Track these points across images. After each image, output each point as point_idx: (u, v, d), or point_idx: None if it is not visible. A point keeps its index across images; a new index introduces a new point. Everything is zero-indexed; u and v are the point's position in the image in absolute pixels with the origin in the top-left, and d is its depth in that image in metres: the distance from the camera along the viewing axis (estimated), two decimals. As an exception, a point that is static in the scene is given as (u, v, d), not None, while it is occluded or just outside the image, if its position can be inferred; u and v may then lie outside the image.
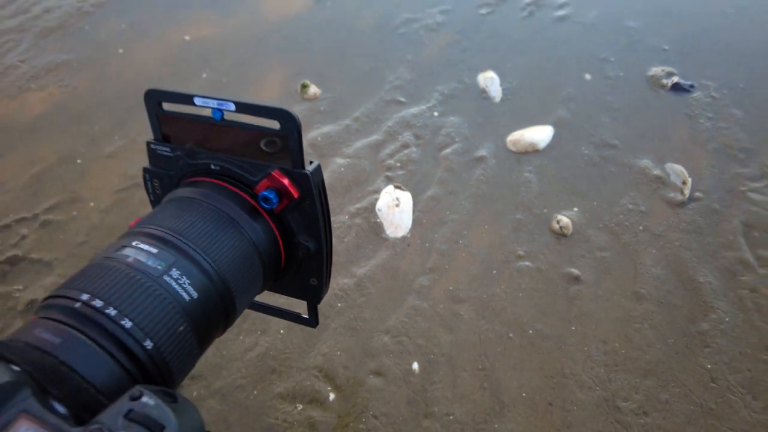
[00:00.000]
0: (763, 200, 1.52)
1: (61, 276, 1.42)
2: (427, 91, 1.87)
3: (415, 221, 1.47)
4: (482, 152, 1.65)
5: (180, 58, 2.07)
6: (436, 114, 1.78)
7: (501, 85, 1.85)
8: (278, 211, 0.45)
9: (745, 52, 1.98)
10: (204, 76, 1.98)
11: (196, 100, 0.45)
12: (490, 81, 1.85)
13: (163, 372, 0.35)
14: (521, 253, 1.41)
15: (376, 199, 1.50)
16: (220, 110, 0.46)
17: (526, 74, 1.91)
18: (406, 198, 1.47)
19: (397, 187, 1.51)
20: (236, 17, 2.27)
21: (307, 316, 0.53)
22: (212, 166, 0.47)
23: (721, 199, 1.52)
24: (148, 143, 0.50)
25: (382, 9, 2.24)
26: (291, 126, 0.43)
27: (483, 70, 1.92)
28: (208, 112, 0.46)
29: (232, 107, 0.45)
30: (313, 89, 1.86)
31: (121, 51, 2.14)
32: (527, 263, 1.39)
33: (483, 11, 2.20)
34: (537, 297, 1.32)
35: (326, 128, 1.75)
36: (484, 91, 1.85)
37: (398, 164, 1.62)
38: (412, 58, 2.00)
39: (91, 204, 1.59)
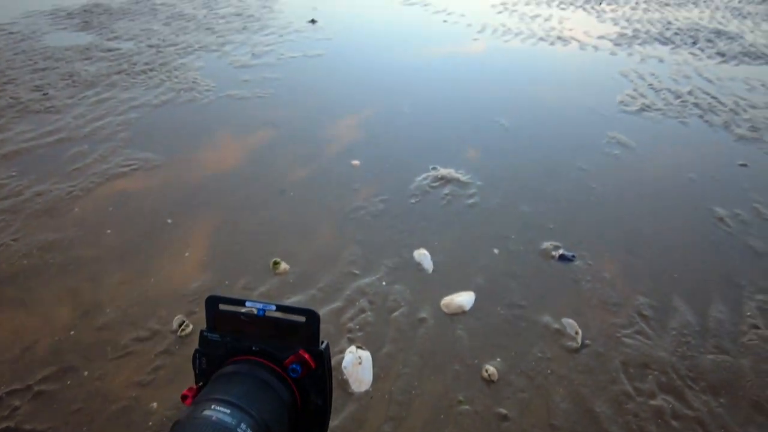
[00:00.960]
0: (633, 343, 2.02)
1: (58, 446, 1.56)
2: (375, 264, 2.34)
3: (376, 376, 1.80)
4: (423, 314, 2.08)
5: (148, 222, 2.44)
6: (384, 283, 2.23)
7: (432, 259, 2.37)
8: (300, 378, 0.65)
9: (609, 224, 2.68)
10: (169, 220, 2.34)
11: (247, 304, 0.66)
12: (423, 256, 2.37)
13: None
14: (461, 398, 1.76)
15: (342, 358, 1.83)
16: (263, 310, 0.66)
17: (450, 250, 2.46)
18: (366, 356, 1.82)
19: (358, 347, 1.86)
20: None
21: None
22: (253, 348, 0.67)
23: (603, 345, 2.01)
24: (202, 332, 0.70)
25: (336, 200, 2.80)
26: (313, 320, 0.66)
27: (417, 247, 2.45)
28: (251, 310, 0.67)
29: (273, 308, 0.67)
30: (284, 265, 2.27)
31: (108, 231, 2.48)
32: (467, 407, 1.73)
33: (413, 200, 2.82)
34: (476, 434, 1.64)
35: (295, 298, 2.13)
36: (419, 264, 2.34)
37: (357, 327, 1.99)
38: (362, 238, 2.51)
39: (85, 373, 1.78)
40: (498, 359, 1.91)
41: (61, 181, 2.87)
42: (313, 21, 5.89)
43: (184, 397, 0.60)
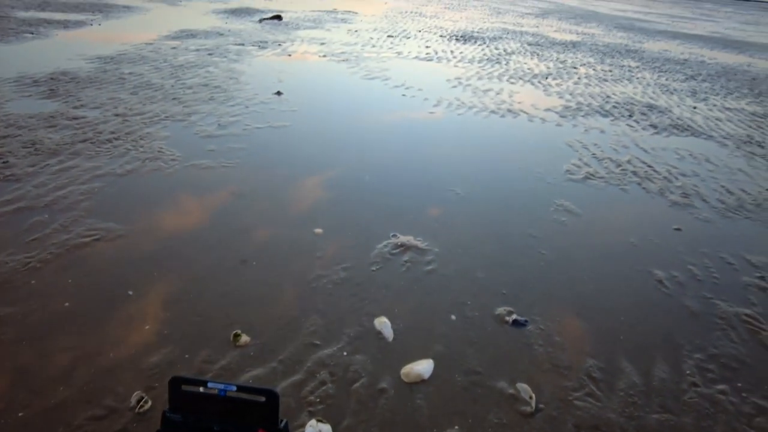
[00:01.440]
0: (584, 405, 2.11)
1: None
2: (336, 334, 2.39)
3: (336, 449, 1.81)
4: (383, 384, 2.12)
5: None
6: (345, 354, 2.28)
7: (392, 327, 2.44)
8: None
9: (559, 289, 2.84)
10: (130, 292, 2.33)
11: (209, 384, 0.73)
12: (383, 325, 2.44)
13: None
14: (420, 468, 1.79)
15: (302, 432, 1.84)
16: (225, 390, 0.73)
17: (410, 317, 2.54)
18: (327, 429, 1.84)
19: (319, 420, 1.88)
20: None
21: None
22: (215, 428, 0.74)
23: (556, 408, 2.09)
24: (164, 413, 0.78)
25: (299, 269, 2.87)
26: (273, 400, 0.73)
27: (378, 315, 2.52)
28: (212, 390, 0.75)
29: (234, 389, 0.74)
30: (245, 338, 2.29)
31: (67, 304, 2.45)
32: (426, 476, 1.76)
33: (373, 268, 2.92)
34: (436, 506, 1.66)
35: (256, 371, 2.13)
36: (379, 333, 2.41)
37: (318, 399, 2.01)
38: (323, 307, 2.57)
39: (34, 461, 1.71)
40: (456, 427, 1.96)
41: (18, 252, 2.83)
42: (278, 93, 6.16)
43: None
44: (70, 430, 1.84)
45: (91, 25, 9.64)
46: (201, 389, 0.83)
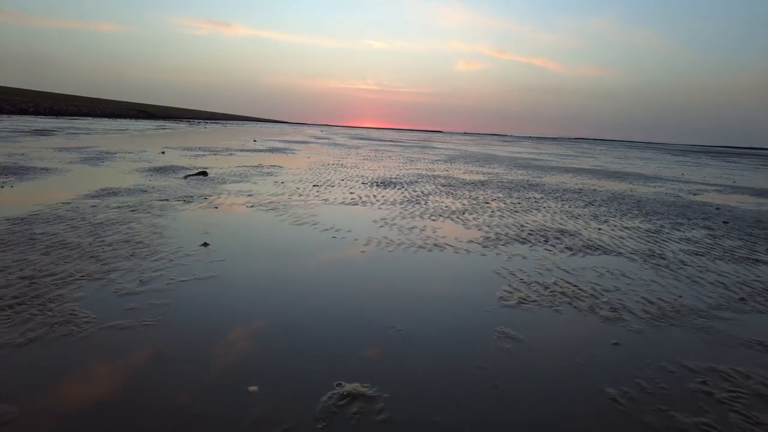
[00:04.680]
0: None
1: None
2: None
3: None
4: None
5: None
6: None
7: (348, 493, 2.12)
8: None
9: (521, 424, 2.67)
10: None
11: None
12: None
13: None
14: None
15: None
16: None
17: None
18: None
19: None
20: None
21: None
22: None
23: None
24: None
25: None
26: None
27: (330, 480, 2.19)
28: None
29: None
30: None
31: None
32: None
33: (320, 426, 2.62)
34: None
35: None
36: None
37: None
38: (265, 480, 2.20)
39: None
40: None
41: None
42: (205, 244, 6.03)
43: None
44: None
45: (2, 187, 9.25)
46: None
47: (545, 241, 7.08)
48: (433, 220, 8.23)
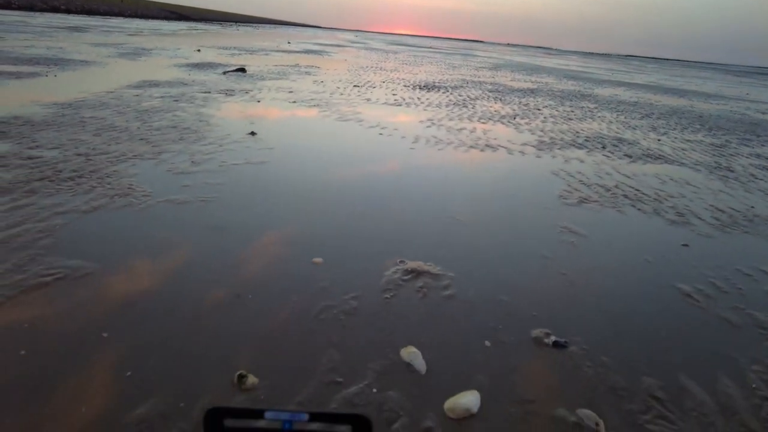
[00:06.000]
0: (659, 430, 1.82)
1: None
2: (360, 369, 2.03)
3: (389, 506, 1.43)
4: (428, 423, 1.77)
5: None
6: (374, 390, 1.91)
7: (423, 357, 2.11)
8: None
9: (589, 309, 2.59)
10: (105, 334, 1.90)
11: (267, 415, 0.47)
12: (413, 355, 2.10)
13: None
14: None
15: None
16: (291, 422, 0.47)
17: (439, 346, 2.22)
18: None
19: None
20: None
21: None
22: None
23: (629, 436, 1.79)
24: None
25: (301, 301, 2.51)
26: (364, 429, 0.47)
27: (402, 345, 2.18)
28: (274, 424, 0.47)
29: (305, 417, 0.47)
30: (252, 379, 1.89)
31: (23, 353, 1.98)
32: None
33: (386, 296, 2.60)
34: None
35: (271, 418, 1.73)
36: (409, 365, 2.07)
37: (354, 446, 1.63)
38: (337, 340, 2.21)
39: None
40: (524, 467, 1.62)
41: (-41, 298, 2.34)
42: (252, 133, 5.91)
43: None
44: None
45: (46, 76, 9.21)
46: (255, 424, 0.49)
47: (603, 147, 6.69)
48: (483, 123, 7.85)
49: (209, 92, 8.75)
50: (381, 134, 6.53)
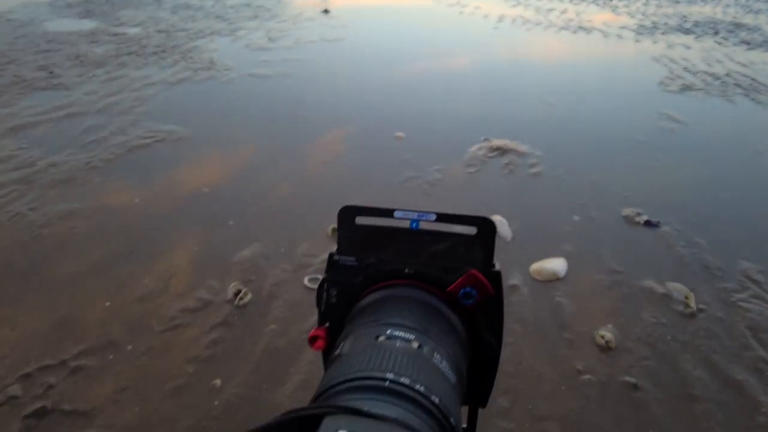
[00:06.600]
0: (753, 308, 1.77)
1: (105, 427, 1.25)
2: (445, 231, 2.07)
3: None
4: (514, 281, 1.81)
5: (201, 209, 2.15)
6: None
7: (509, 226, 2.11)
8: (472, 308, 0.46)
9: (685, 194, 2.45)
10: (231, 223, 2.06)
11: (397, 214, 0.48)
12: (499, 223, 2.10)
13: None
14: (580, 367, 1.49)
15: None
16: (418, 220, 0.48)
17: (526, 218, 2.20)
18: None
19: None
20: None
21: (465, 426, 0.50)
22: (406, 270, 0.47)
23: (721, 310, 1.75)
24: (331, 254, 0.49)
25: (386, 170, 2.54)
26: (489, 231, 0.47)
27: (488, 214, 2.18)
28: (400, 223, 0.48)
29: (433, 217, 0.48)
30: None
31: (137, 200, 2.19)
32: (589, 377, 1.46)
33: (471, 170, 2.57)
34: (607, 407, 1.37)
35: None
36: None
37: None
38: (422, 207, 2.24)
39: (129, 347, 1.48)
40: (609, 325, 1.65)
41: (78, 152, 2.57)
42: (326, 11, 5.69)
43: (313, 340, 0.41)
44: (164, 321, 1.60)
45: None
46: (385, 222, 0.49)
47: (715, 33, 5.88)
48: (575, 3, 7.07)
49: (279, -29, 8.38)
50: (461, 13, 6.07)
